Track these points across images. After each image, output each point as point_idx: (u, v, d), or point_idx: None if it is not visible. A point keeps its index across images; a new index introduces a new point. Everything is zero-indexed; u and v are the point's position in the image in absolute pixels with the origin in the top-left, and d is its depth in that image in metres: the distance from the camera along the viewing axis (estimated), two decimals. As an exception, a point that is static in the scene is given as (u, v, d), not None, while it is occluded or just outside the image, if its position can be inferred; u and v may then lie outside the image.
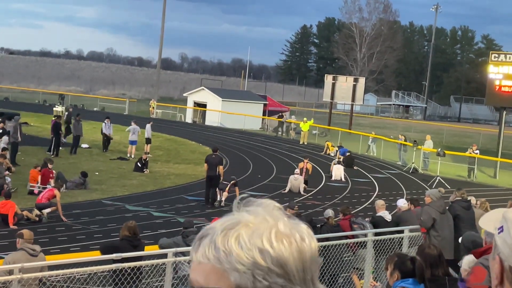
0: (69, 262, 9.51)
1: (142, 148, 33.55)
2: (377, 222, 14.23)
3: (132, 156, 31.94)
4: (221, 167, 22.44)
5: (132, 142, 32.75)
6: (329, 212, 13.86)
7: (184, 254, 10.62)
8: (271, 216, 1.36)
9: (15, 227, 17.07)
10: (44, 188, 20.74)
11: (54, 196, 18.75)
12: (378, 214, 14.60)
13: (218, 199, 22.37)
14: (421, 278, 5.77)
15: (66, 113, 35.18)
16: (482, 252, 5.48)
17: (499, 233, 1.55)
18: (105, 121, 34.35)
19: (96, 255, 10.90)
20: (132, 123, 33.30)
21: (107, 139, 34.19)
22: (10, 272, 8.58)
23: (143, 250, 10.83)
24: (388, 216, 14.45)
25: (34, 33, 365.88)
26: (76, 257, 10.91)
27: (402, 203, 15.04)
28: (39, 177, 22.41)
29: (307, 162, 27.58)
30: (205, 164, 22.40)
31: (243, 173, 29.26)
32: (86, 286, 11.14)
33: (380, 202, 15.03)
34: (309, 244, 1.35)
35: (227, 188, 22.29)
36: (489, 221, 1.63)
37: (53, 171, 23.12)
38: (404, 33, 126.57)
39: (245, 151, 38.16)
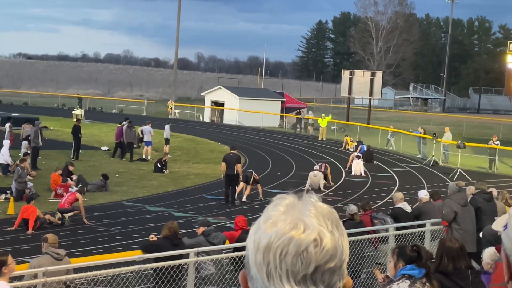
0: (93, 265, 9.58)
1: (161, 149, 33.66)
2: (397, 214, 14.17)
3: (149, 157, 31.99)
4: (239, 165, 22.49)
5: (147, 143, 32.71)
6: (354, 208, 13.70)
7: (207, 253, 10.65)
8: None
9: (33, 231, 17.21)
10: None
11: (77, 200, 18.89)
12: (397, 206, 14.51)
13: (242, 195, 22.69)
14: (420, 263, 5.73)
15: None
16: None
17: (504, 229, 1.61)
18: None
19: (117, 257, 10.98)
20: (147, 124, 33.22)
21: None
22: (36, 276, 8.68)
23: (184, 249, 10.86)
24: (407, 207, 14.38)
25: (51, 37, 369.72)
26: (99, 259, 10.98)
27: (423, 194, 14.95)
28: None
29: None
30: (223, 163, 22.48)
31: (263, 171, 29.26)
32: None
33: (399, 195, 14.90)
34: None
35: (251, 180, 22.53)
36: (500, 222, 1.67)
37: (72, 179, 23.25)
38: (421, 26, 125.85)
39: (264, 148, 38.16)
